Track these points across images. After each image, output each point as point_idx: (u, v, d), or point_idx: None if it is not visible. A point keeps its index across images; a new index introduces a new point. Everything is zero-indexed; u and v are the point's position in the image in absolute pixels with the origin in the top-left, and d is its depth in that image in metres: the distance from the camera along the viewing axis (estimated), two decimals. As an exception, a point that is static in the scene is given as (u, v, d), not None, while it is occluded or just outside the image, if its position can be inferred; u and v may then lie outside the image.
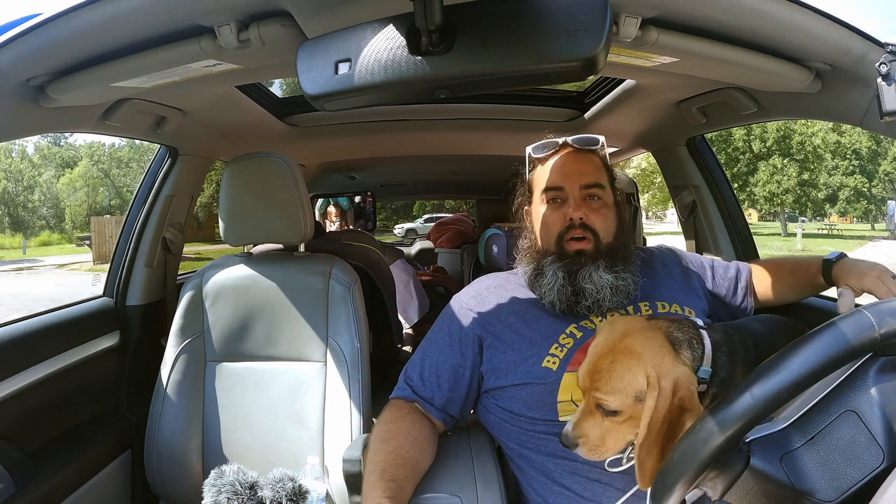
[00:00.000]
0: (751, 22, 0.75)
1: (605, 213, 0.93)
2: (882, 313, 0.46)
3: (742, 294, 1.05)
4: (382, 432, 0.88)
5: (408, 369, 0.98)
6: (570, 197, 0.93)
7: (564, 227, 0.92)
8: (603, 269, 0.89)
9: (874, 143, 23.07)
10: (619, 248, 0.93)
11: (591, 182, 0.93)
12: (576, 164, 0.95)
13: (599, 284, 0.88)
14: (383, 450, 0.83)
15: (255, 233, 1.27)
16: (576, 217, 0.91)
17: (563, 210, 0.93)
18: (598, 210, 0.93)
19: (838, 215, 26.25)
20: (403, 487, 0.79)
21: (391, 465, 0.81)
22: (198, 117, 1.29)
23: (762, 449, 0.50)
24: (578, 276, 0.89)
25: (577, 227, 0.91)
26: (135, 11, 0.70)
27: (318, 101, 0.64)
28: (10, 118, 0.88)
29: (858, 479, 0.46)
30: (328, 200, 2.56)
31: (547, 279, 0.91)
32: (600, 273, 0.89)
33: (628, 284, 0.90)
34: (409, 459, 0.83)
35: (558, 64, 0.56)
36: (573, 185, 0.93)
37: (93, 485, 1.18)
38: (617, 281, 0.89)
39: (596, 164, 0.96)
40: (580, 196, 0.92)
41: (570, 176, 0.94)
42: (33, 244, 21.43)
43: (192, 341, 1.24)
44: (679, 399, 0.61)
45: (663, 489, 0.51)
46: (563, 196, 0.94)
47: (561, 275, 0.90)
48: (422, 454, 0.87)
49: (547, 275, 0.92)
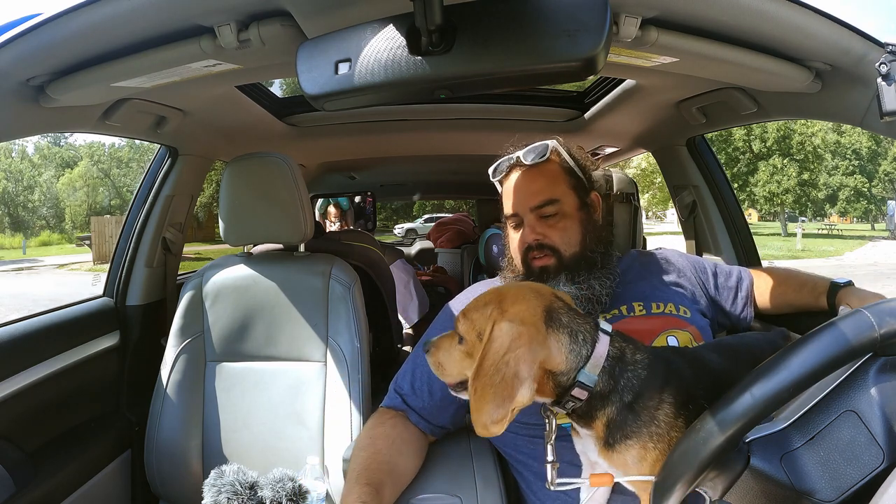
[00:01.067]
0: (751, 22, 0.75)
1: (563, 226, 0.92)
2: (882, 313, 0.46)
3: (742, 303, 1.05)
4: (363, 438, 0.89)
5: (398, 378, 0.98)
6: (524, 221, 0.93)
7: (524, 251, 0.93)
8: (563, 282, 0.89)
9: (874, 143, 23.08)
10: (584, 256, 0.92)
11: (542, 201, 0.92)
12: (526, 184, 0.94)
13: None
14: (361, 455, 0.85)
15: (255, 233, 1.27)
16: (531, 240, 0.91)
17: (522, 234, 0.93)
18: (554, 226, 0.92)
19: (838, 215, 26.26)
20: (380, 491, 0.79)
21: (367, 470, 0.81)
22: (198, 117, 1.29)
23: (762, 449, 0.50)
24: None
25: (534, 248, 0.92)
26: (135, 11, 0.70)
27: (318, 101, 0.64)
28: (10, 118, 0.89)
29: (858, 479, 0.46)
30: (328, 200, 2.56)
31: None
32: (561, 288, 0.89)
33: (595, 292, 0.90)
34: (385, 463, 0.84)
35: (558, 64, 0.56)
36: (524, 208, 0.93)
37: (93, 485, 1.18)
38: (580, 292, 0.89)
39: (549, 177, 0.94)
40: (533, 218, 0.92)
41: (520, 199, 0.94)
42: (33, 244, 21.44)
43: (192, 341, 1.24)
44: (515, 360, 0.57)
45: (663, 489, 0.51)
46: (518, 220, 0.95)
47: None
48: (401, 457, 0.87)
49: None
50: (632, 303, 0.93)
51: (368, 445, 0.86)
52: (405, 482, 0.85)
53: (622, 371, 0.61)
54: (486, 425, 0.58)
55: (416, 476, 0.87)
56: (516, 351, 0.57)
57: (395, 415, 0.94)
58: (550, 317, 0.61)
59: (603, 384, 0.60)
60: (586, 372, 0.60)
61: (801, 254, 15.43)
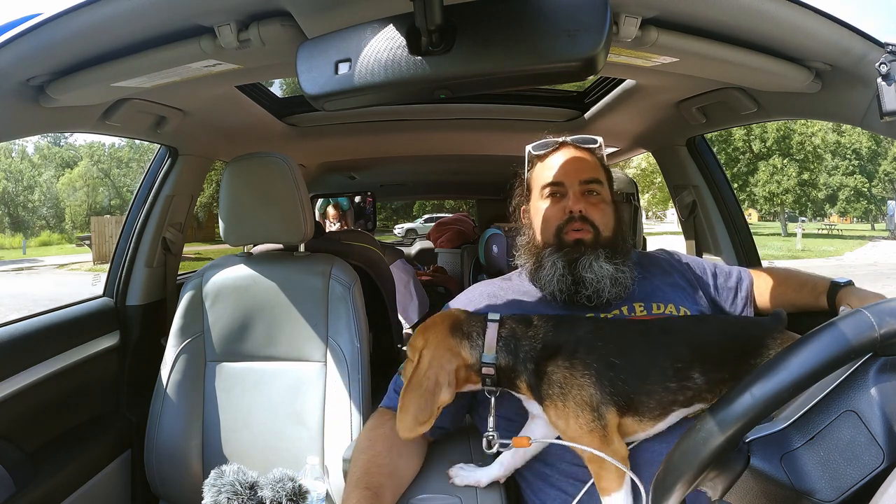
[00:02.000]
0: (751, 22, 0.75)
1: (603, 209, 0.94)
2: (882, 313, 0.46)
3: (742, 304, 1.05)
4: (362, 440, 0.88)
5: (398, 378, 0.97)
6: (570, 191, 0.94)
7: (564, 220, 0.93)
8: (603, 259, 0.89)
9: (874, 143, 23.06)
10: (617, 242, 0.93)
11: (589, 177, 0.95)
12: (574, 161, 0.97)
13: (600, 274, 0.88)
14: (361, 459, 0.84)
15: (255, 233, 1.27)
16: (575, 209, 0.92)
17: (563, 204, 0.94)
18: (596, 205, 0.94)
19: (838, 215, 26.25)
20: (380, 495, 0.79)
21: (366, 474, 0.81)
22: (198, 117, 1.29)
23: (762, 449, 0.50)
24: (578, 265, 0.89)
25: (576, 219, 0.92)
26: (135, 11, 0.70)
27: (318, 101, 0.64)
28: (10, 118, 0.89)
29: (858, 479, 0.46)
30: (328, 200, 2.56)
31: (546, 270, 0.91)
32: (601, 263, 0.89)
33: (627, 278, 0.90)
34: (385, 466, 0.83)
35: (558, 64, 0.56)
36: (572, 179, 0.95)
37: (93, 485, 1.18)
38: (617, 273, 0.89)
39: (594, 162, 0.98)
40: (579, 190, 0.94)
41: (569, 171, 0.95)
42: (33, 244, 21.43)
43: (192, 341, 1.24)
44: (434, 373, 0.73)
45: (663, 489, 0.51)
46: (562, 191, 0.95)
47: (560, 264, 0.90)
48: (401, 459, 0.86)
49: (546, 266, 0.92)
50: (632, 303, 0.93)
51: (368, 448, 0.86)
52: (405, 483, 0.85)
53: (518, 345, 0.75)
54: (411, 427, 0.73)
55: (416, 476, 0.87)
56: (433, 367, 0.74)
57: (395, 415, 0.94)
58: (454, 330, 0.77)
59: (504, 359, 0.75)
60: (486, 354, 0.75)
61: (801, 254, 15.43)
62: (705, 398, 0.72)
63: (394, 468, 0.84)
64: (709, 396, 0.72)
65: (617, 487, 0.70)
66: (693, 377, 0.71)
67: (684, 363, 0.72)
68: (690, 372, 0.71)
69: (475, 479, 0.83)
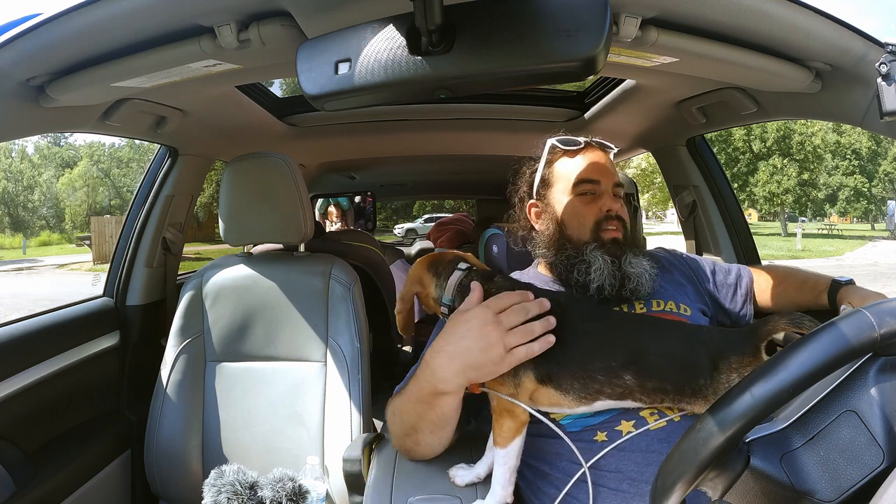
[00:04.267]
0: (751, 22, 0.75)
1: (625, 212, 0.98)
2: (882, 313, 0.46)
3: (741, 300, 1.05)
4: (394, 412, 0.88)
5: (411, 370, 0.97)
6: (605, 191, 0.96)
7: (602, 217, 0.95)
8: (639, 255, 0.93)
9: (874, 143, 23.07)
10: (639, 242, 0.98)
11: (618, 181, 0.98)
12: (607, 162, 0.99)
13: (640, 269, 0.91)
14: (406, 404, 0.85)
15: (254, 233, 1.27)
16: (613, 209, 0.95)
17: (599, 202, 0.95)
18: (622, 207, 0.97)
19: (838, 215, 26.24)
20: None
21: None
22: (198, 117, 1.29)
23: (762, 449, 0.50)
24: (622, 262, 0.92)
25: (613, 218, 0.95)
26: (135, 11, 0.70)
27: (318, 101, 0.64)
28: (10, 118, 0.89)
29: (858, 479, 0.46)
30: (328, 200, 2.57)
31: (598, 264, 0.92)
32: (639, 259, 0.92)
33: (653, 274, 0.93)
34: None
35: (558, 64, 0.56)
36: (608, 180, 0.97)
37: (93, 485, 1.18)
38: (651, 269, 0.92)
39: (614, 167, 1.01)
40: (612, 192, 0.97)
41: (604, 172, 0.97)
42: (33, 244, 21.42)
43: (192, 341, 1.24)
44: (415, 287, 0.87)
45: (663, 489, 0.51)
46: (597, 189, 0.96)
47: (609, 259, 0.92)
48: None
49: (595, 261, 0.92)
50: (633, 301, 0.93)
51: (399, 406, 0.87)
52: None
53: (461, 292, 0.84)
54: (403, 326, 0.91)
55: (416, 476, 0.87)
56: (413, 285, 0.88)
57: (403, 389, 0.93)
58: (430, 267, 0.88)
59: (458, 303, 0.82)
60: (445, 296, 0.84)
61: (801, 254, 15.43)
62: (639, 399, 0.74)
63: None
64: (644, 399, 0.74)
65: (503, 444, 0.78)
66: (624, 378, 0.74)
67: (617, 363, 0.74)
68: (622, 373, 0.74)
69: (475, 474, 0.84)
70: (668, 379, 0.73)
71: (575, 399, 0.76)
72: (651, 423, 0.79)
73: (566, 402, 0.76)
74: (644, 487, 0.76)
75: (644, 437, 0.78)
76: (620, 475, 0.77)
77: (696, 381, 0.72)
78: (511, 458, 0.78)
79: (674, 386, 0.73)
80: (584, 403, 0.76)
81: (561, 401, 0.76)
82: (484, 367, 0.73)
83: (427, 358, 0.78)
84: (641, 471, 0.77)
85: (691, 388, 0.72)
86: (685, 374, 0.72)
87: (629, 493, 0.76)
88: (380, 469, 0.88)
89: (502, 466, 0.78)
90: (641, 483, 0.76)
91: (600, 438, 0.80)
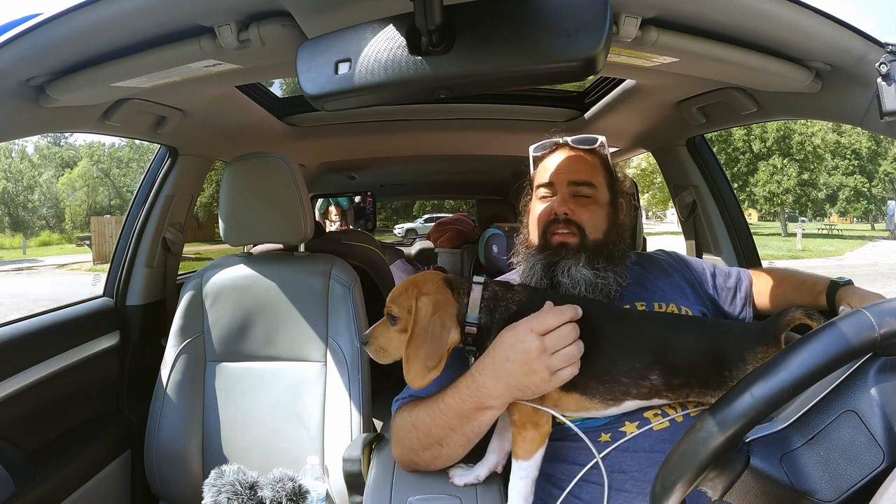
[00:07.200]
0: (751, 22, 0.75)
1: (593, 210, 0.93)
2: (882, 313, 0.46)
3: (741, 304, 1.05)
4: (400, 425, 0.85)
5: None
6: (558, 192, 0.94)
7: (549, 221, 0.93)
8: (583, 264, 0.88)
9: (874, 143, 23.06)
10: (606, 246, 0.92)
11: (580, 179, 0.94)
12: (569, 162, 0.96)
13: (576, 279, 0.88)
14: (417, 414, 0.83)
15: (255, 233, 1.27)
16: (560, 211, 0.92)
17: (551, 204, 0.94)
18: (585, 206, 0.93)
19: (838, 215, 26.23)
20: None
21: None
22: (198, 117, 1.29)
23: (762, 449, 0.50)
24: (556, 269, 0.89)
25: (560, 221, 0.92)
26: (135, 11, 0.70)
27: (318, 101, 0.64)
28: (10, 118, 0.89)
29: (858, 479, 0.46)
30: (328, 200, 2.56)
31: (525, 271, 0.93)
32: (580, 268, 0.88)
33: (609, 284, 0.89)
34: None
35: (558, 64, 0.56)
36: (561, 180, 0.95)
37: (93, 485, 1.18)
38: (596, 278, 0.88)
39: (591, 164, 0.97)
40: (567, 192, 0.94)
41: (560, 172, 0.95)
42: (33, 244, 21.40)
43: (192, 341, 1.24)
44: (440, 317, 0.76)
45: (663, 489, 0.51)
46: (552, 192, 0.95)
47: (539, 266, 0.91)
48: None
49: (527, 267, 0.93)
50: (634, 303, 0.93)
51: (410, 419, 0.84)
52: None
53: (496, 306, 0.78)
54: (420, 374, 0.74)
55: (416, 476, 0.87)
56: (438, 312, 0.76)
57: (418, 403, 0.92)
58: (447, 283, 0.80)
59: (484, 318, 0.78)
60: (470, 314, 0.77)
61: (801, 254, 15.41)
62: (665, 396, 0.74)
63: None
64: (670, 395, 0.74)
65: (526, 456, 0.75)
66: (650, 378, 0.73)
67: (642, 364, 0.74)
68: (648, 373, 0.73)
69: (474, 475, 0.84)
70: (695, 374, 0.73)
71: (601, 402, 0.75)
72: (654, 423, 0.79)
73: (593, 406, 0.75)
74: (647, 487, 0.76)
75: (647, 438, 0.78)
76: (624, 475, 0.77)
77: (722, 373, 0.72)
78: (533, 470, 0.75)
79: (699, 381, 0.73)
80: (613, 405, 0.75)
81: (588, 405, 0.75)
82: (528, 388, 0.72)
83: (474, 373, 0.76)
84: (645, 471, 0.77)
85: (716, 382, 0.72)
86: (712, 368, 0.73)
87: (632, 493, 0.76)
88: (380, 469, 0.88)
89: (523, 479, 0.75)
90: (644, 483, 0.76)
91: (604, 439, 0.80)
